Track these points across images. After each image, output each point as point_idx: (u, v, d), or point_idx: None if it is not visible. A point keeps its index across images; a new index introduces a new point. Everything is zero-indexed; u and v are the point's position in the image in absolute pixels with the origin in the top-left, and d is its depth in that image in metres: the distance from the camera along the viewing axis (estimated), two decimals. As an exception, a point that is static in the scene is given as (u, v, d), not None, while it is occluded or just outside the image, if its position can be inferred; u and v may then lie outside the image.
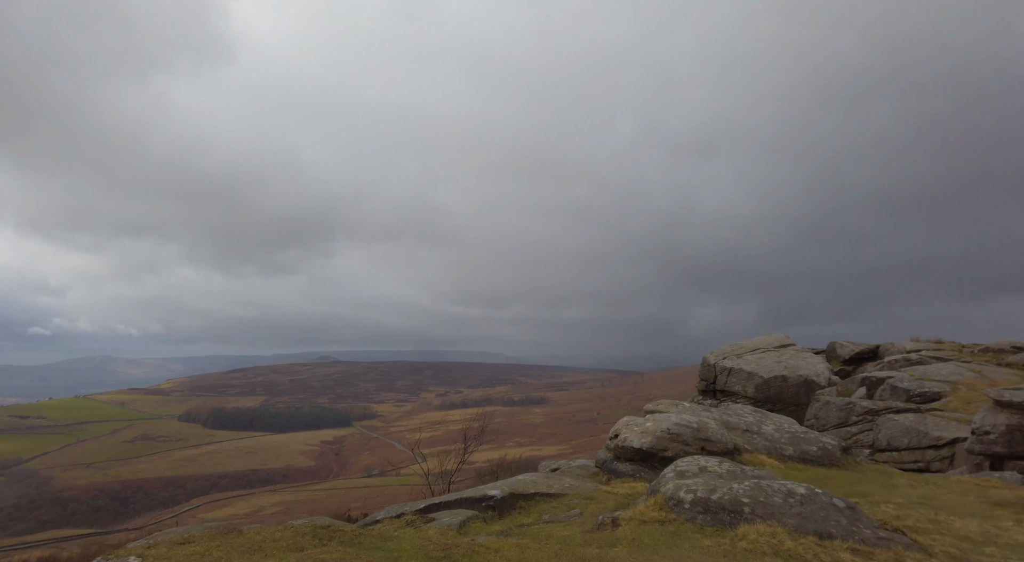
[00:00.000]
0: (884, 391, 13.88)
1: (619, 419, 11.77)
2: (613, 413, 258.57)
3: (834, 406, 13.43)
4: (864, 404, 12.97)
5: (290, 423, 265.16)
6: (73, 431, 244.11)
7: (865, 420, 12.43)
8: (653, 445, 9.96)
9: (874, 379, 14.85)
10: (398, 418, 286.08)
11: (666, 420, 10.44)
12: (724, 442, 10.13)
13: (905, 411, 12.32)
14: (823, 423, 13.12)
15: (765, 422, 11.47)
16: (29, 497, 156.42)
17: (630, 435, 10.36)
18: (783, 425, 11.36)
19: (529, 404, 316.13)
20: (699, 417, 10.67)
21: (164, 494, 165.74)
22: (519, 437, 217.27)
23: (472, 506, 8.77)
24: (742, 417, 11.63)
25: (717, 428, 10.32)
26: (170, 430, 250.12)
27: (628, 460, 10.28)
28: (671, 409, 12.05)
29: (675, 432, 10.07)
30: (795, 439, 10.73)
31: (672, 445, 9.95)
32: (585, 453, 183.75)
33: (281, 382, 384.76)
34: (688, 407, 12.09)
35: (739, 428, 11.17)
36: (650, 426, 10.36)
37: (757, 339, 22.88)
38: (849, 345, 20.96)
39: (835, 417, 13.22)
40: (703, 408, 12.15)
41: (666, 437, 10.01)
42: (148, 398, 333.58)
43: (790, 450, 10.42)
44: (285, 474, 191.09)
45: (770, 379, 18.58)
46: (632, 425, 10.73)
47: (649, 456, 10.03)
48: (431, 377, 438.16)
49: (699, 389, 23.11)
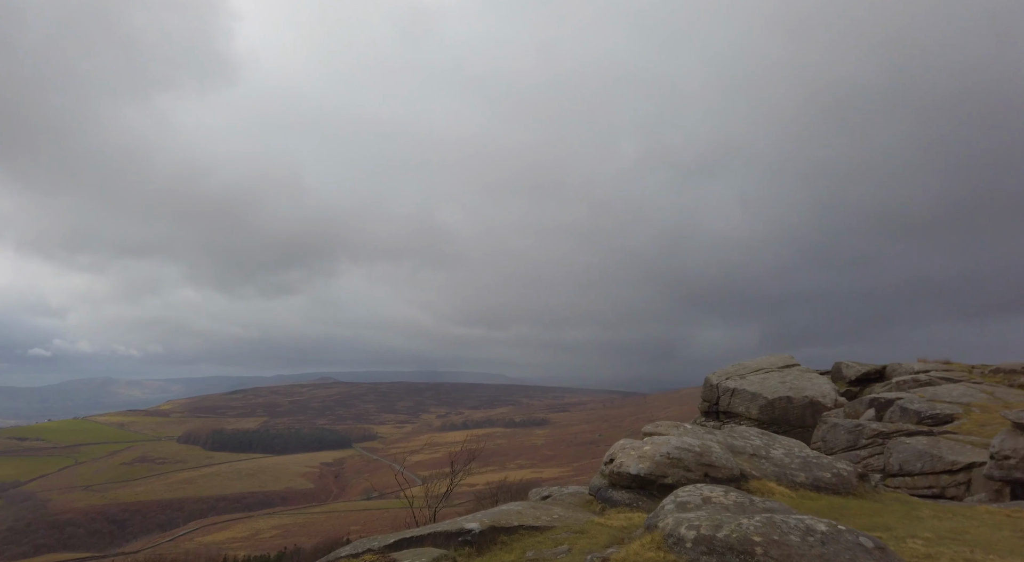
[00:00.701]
0: (894, 413, 13.31)
1: (617, 442, 11.12)
2: (614, 435, 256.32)
3: (842, 428, 12.79)
4: (874, 426, 12.33)
5: (290, 445, 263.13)
6: (71, 453, 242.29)
7: (875, 443, 11.83)
8: (651, 471, 9.08)
9: (883, 400, 14.26)
10: (399, 440, 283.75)
11: (666, 443, 9.55)
12: (729, 468, 9.21)
13: (917, 434, 11.72)
14: (831, 446, 12.54)
15: (774, 446, 10.61)
16: (26, 520, 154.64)
17: (626, 460, 9.44)
18: (793, 449, 10.54)
19: (530, 425, 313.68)
20: (702, 440, 9.85)
21: (162, 517, 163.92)
22: (520, 459, 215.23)
23: (446, 542, 7.78)
24: (748, 440, 10.79)
25: (721, 452, 9.43)
26: (169, 452, 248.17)
27: (624, 488, 9.35)
28: (671, 431, 11.10)
29: (676, 457, 9.19)
30: (807, 464, 9.90)
31: (672, 471, 9.08)
32: (587, 475, 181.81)
33: (281, 403, 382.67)
34: (690, 429, 11.11)
35: (745, 452, 10.30)
36: (648, 450, 9.44)
37: (761, 359, 22.33)
38: (855, 365, 20.35)
39: (843, 440, 12.59)
40: (706, 430, 11.32)
41: (666, 462, 9.14)
42: (147, 420, 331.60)
43: (802, 477, 9.59)
44: (284, 497, 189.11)
45: (775, 400, 18.02)
46: (629, 449, 9.76)
47: (647, 483, 9.13)
48: (432, 398, 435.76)
49: (701, 410, 22.52)
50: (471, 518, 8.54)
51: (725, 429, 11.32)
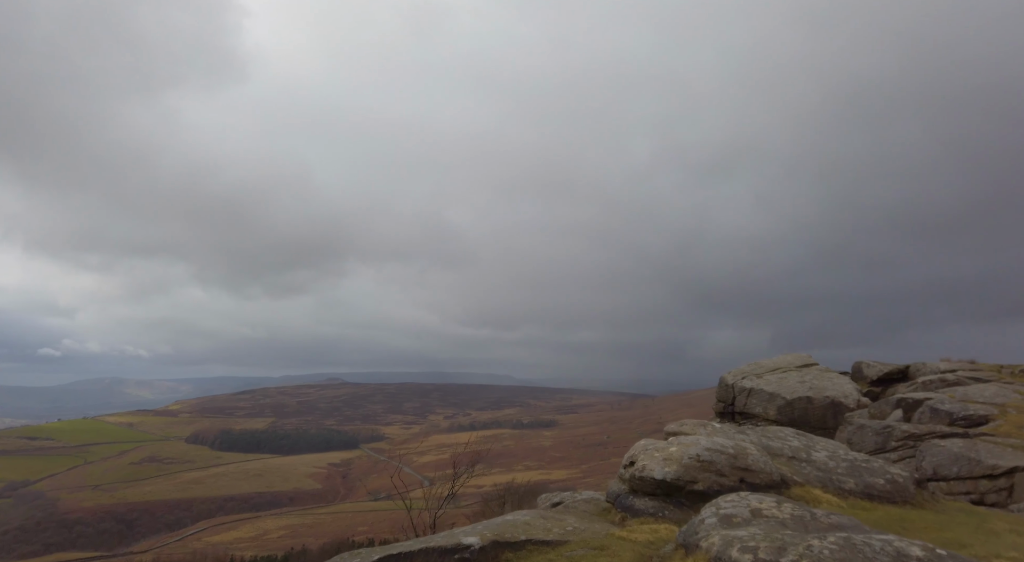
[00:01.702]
0: (923, 414, 12.61)
1: (635, 443, 9.61)
2: (623, 436, 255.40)
3: (870, 430, 12.06)
4: (904, 428, 11.61)
5: (297, 445, 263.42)
6: (81, 453, 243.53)
7: (906, 445, 11.13)
8: (680, 476, 7.97)
9: (911, 401, 13.54)
10: (406, 440, 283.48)
11: (695, 444, 8.42)
12: (768, 472, 8.11)
13: (951, 436, 10.98)
14: (858, 449, 11.77)
15: (815, 447, 9.51)
16: (35, 519, 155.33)
17: (650, 463, 8.30)
18: (838, 451, 9.48)
19: (538, 427, 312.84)
20: (735, 441, 8.79)
21: (170, 517, 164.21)
22: (528, 460, 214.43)
23: (440, 560, 6.60)
24: (786, 441, 9.65)
25: (759, 455, 8.33)
26: (177, 452, 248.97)
27: (648, 494, 8.24)
28: (698, 430, 10.04)
29: (707, 459, 8.07)
30: (855, 469, 8.79)
31: (703, 476, 7.97)
32: (596, 476, 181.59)
33: (289, 404, 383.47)
34: (719, 428, 10.12)
35: (783, 454, 9.18)
36: (675, 452, 8.31)
37: (778, 358, 21.62)
38: (877, 365, 19.59)
39: (871, 442, 11.87)
40: (736, 429, 10.35)
41: (696, 465, 8.02)
42: (156, 420, 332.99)
43: (851, 483, 8.42)
44: (292, 497, 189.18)
45: (794, 400, 17.33)
46: (652, 450, 8.65)
47: (674, 489, 8.03)
48: (439, 399, 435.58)
49: (716, 411, 21.81)
50: (471, 530, 7.38)
51: (757, 429, 10.32)
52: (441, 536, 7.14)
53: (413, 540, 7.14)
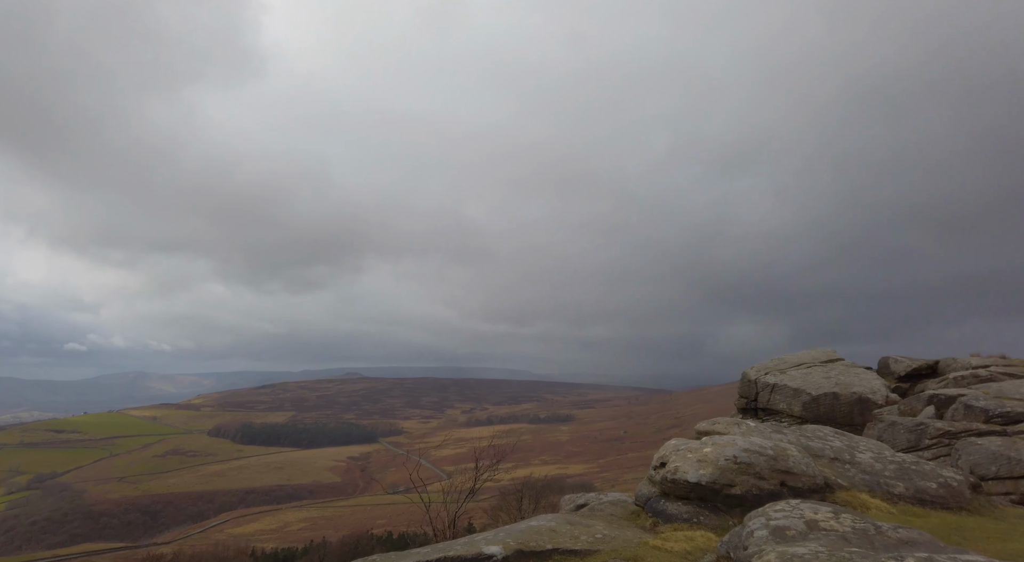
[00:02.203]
0: (956, 411, 12.30)
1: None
2: (640, 431, 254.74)
3: (902, 427, 11.77)
4: (938, 425, 11.31)
5: (317, 439, 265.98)
6: (106, 445, 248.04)
7: (940, 444, 10.87)
8: (716, 479, 7.43)
9: (943, 397, 13.22)
10: (424, 435, 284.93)
11: (731, 444, 7.83)
12: (811, 475, 7.56)
13: (989, 434, 10.69)
14: (889, 446, 11.70)
15: (858, 448, 8.91)
16: (62, 510, 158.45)
17: (683, 464, 7.73)
18: (884, 452, 8.93)
19: (555, 421, 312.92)
20: (773, 441, 8.16)
21: (193, 509, 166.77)
22: (545, 455, 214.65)
23: None
24: (826, 441, 9.00)
25: (800, 456, 7.74)
26: (200, 445, 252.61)
27: (681, 498, 7.68)
28: (732, 429, 9.37)
29: (745, 461, 7.49)
30: (904, 471, 8.22)
31: (741, 479, 7.40)
32: (613, 471, 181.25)
33: (309, 398, 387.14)
34: (755, 427, 9.45)
35: (825, 455, 8.59)
36: (710, 453, 7.74)
37: (801, 353, 21.31)
38: (904, 360, 19.13)
39: (903, 440, 11.59)
40: (773, 428, 9.68)
41: (732, 468, 7.46)
42: (179, 413, 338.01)
43: (900, 487, 7.87)
44: (312, 490, 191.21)
45: (819, 397, 17.06)
46: (685, 451, 8.06)
47: (710, 493, 7.48)
48: (457, 394, 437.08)
49: (738, 407, 21.53)
50: (492, 537, 6.79)
51: (793, 428, 9.73)
52: (461, 543, 6.59)
53: (431, 547, 6.59)
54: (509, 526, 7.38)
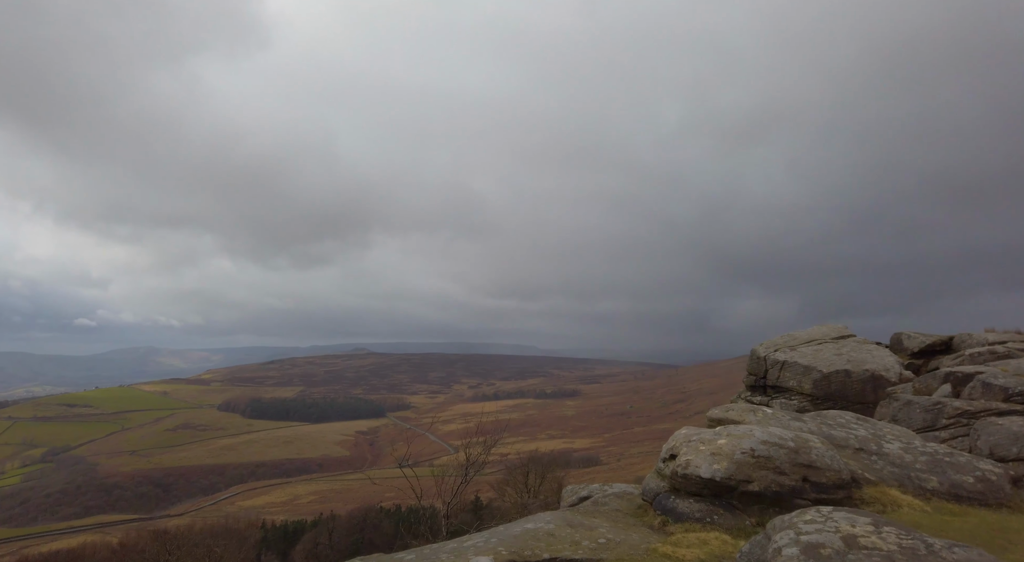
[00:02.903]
0: (974, 389, 11.83)
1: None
2: (646, 406, 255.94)
3: (918, 406, 11.30)
4: (956, 404, 10.84)
5: (326, 413, 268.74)
6: (118, 419, 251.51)
7: (958, 423, 10.42)
8: (731, 474, 6.70)
9: (960, 375, 12.71)
10: (431, 409, 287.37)
11: (747, 435, 7.05)
12: (836, 470, 6.83)
13: (1009, 413, 10.19)
14: (904, 426, 11.21)
15: (885, 437, 8.13)
16: (76, 483, 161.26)
17: (695, 458, 7.00)
18: (912, 442, 8.11)
19: (561, 396, 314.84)
20: (794, 431, 7.38)
21: (204, 482, 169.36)
22: (552, 429, 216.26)
23: None
24: (850, 429, 8.22)
25: (824, 448, 6.99)
26: (210, 419, 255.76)
27: (693, 495, 7.00)
28: (748, 417, 8.47)
29: (763, 454, 6.77)
30: (937, 463, 7.43)
31: (759, 474, 6.66)
32: (619, 445, 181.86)
33: (317, 373, 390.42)
34: (772, 415, 8.54)
35: (849, 445, 7.82)
36: (725, 445, 6.98)
37: (812, 329, 20.82)
38: (918, 336, 18.56)
39: (919, 419, 11.12)
40: (792, 415, 8.74)
41: (750, 462, 6.73)
42: (189, 388, 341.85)
43: (934, 482, 7.13)
44: (321, 463, 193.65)
45: (831, 374, 16.60)
46: (697, 442, 7.28)
47: (724, 490, 6.79)
48: (464, 369, 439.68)
49: (747, 385, 21.10)
50: (483, 543, 6.06)
51: (811, 414, 8.93)
52: (448, 550, 5.95)
53: (415, 553, 5.91)
54: (503, 528, 6.51)
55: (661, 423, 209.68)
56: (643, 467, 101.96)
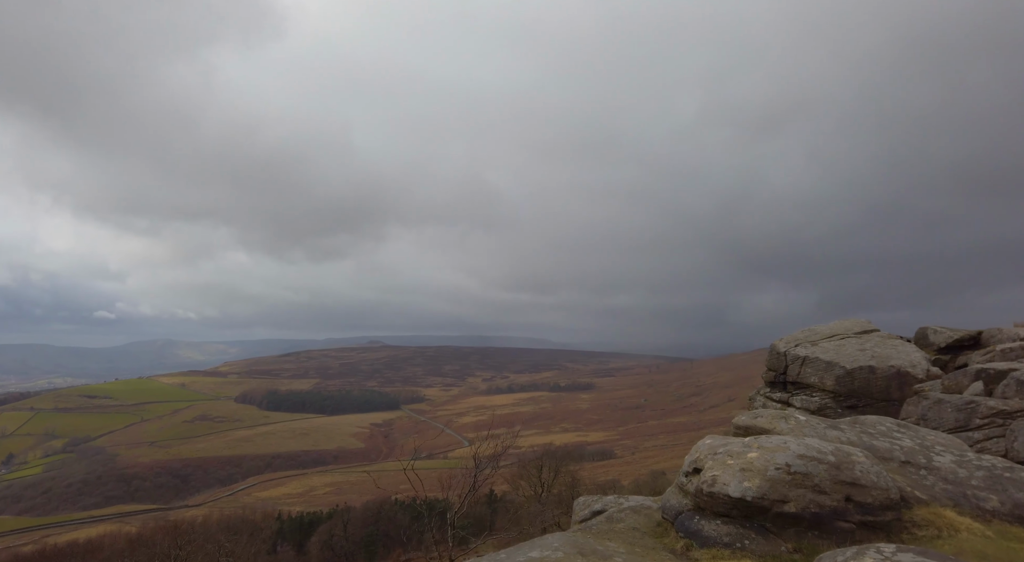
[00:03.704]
0: (1008, 387, 11.34)
1: (702, 441, 7.15)
2: (661, 400, 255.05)
3: (949, 405, 10.84)
4: (991, 403, 10.38)
5: (341, 406, 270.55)
6: (137, 411, 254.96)
7: (993, 424, 9.99)
8: (764, 493, 5.93)
9: (992, 372, 12.19)
10: (445, 402, 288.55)
11: (782, 448, 6.26)
12: (884, 488, 6.07)
13: None
14: (934, 425, 10.67)
15: (933, 448, 7.30)
16: (97, 473, 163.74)
17: (723, 474, 6.21)
18: (966, 455, 7.22)
19: (575, 390, 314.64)
20: (832, 442, 6.67)
21: (222, 473, 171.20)
22: (565, 422, 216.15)
23: None
24: (894, 439, 7.38)
25: (869, 463, 6.21)
26: (227, 411, 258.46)
27: (720, 515, 6.21)
28: (779, 424, 7.56)
29: (801, 470, 6.02)
30: (996, 480, 6.57)
31: (796, 493, 5.90)
32: (633, 439, 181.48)
33: (332, 366, 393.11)
34: (806, 422, 7.63)
35: (894, 458, 6.97)
36: (756, 460, 6.19)
37: (834, 324, 20.29)
38: (945, 331, 17.93)
39: (951, 419, 10.65)
40: (828, 423, 7.86)
41: (785, 479, 5.96)
42: (207, 380, 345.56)
43: (994, 501, 6.31)
44: (336, 455, 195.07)
45: (854, 370, 16.09)
46: (724, 455, 6.47)
47: (756, 511, 6.01)
48: (478, 362, 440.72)
49: (766, 381, 20.62)
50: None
51: (847, 421, 8.17)
52: None
53: None
54: (505, 555, 5.69)
55: (676, 417, 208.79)
56: (658, 461, 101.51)
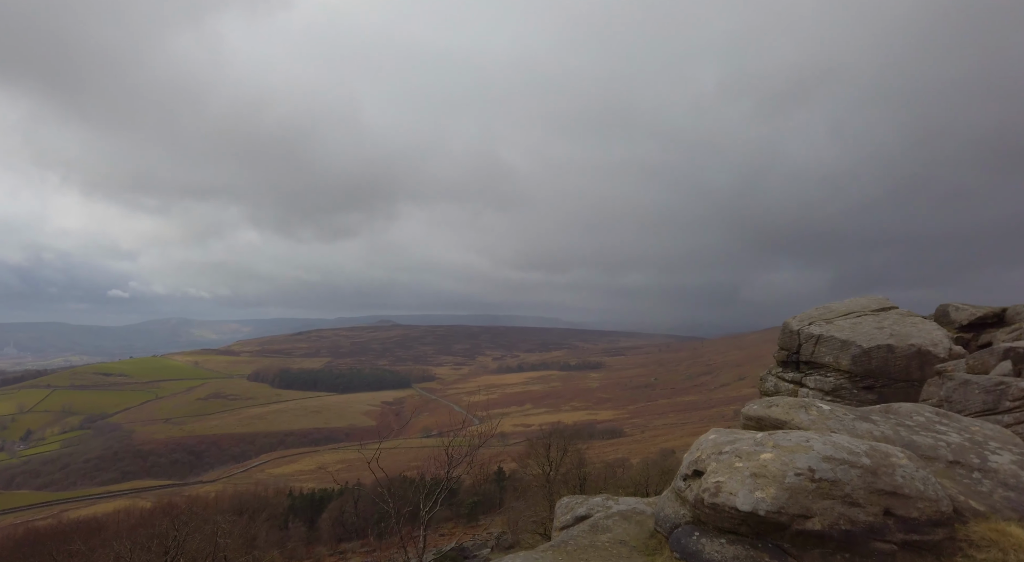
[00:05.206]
0: None
1: (704, 436, 5.85)
2: (671, 378, 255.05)
3: (977, 386, 10.20)
4: (1022, 385, 9.90)
5: (352, 384, 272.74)
6: (152, 388, 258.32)
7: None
8: (781, 506, 4.64)
9: (1021, 351, 11.65)
10: (456, 381, 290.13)
11: (802, 448, 4.95)
12: (933, 498, 4.76)
13: None
14: (959, 409, 10.05)
15: (986, 444, 5.86)
16: (113, 449, 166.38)
17: (729, 480, 4.90)
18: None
19: (585, 369, 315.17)
20: (864, 438, 5.47)
21: (235, 449, 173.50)
22: (575, 401, 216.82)
23: None
24: (936, 432, 6.05)
25: (912, 467, 4.89)
26: (240, 389, 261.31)
27: (726, 532, 4.91)
28: (797, 415, 6.12)
29: (827, 477, 4.71)
30: None
31: (821, 505, 4.62)
32: (643, 417, 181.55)
33: (344, 345, 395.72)
34: (830, 412, 6.19)
35: (939, 457, 5.66)
36: (770, 462, 4.87)
37: (850, 301, 19.54)
38: (967, 308, 17.19)
39: (978, 401, 10.02)
40: (856, 413, 6.40)
41: (808, 488, 4.68)
42: (219, 358, 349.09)
43: None
44: (348, 433, 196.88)
45: (871, 349, 15.39)
46: (731, 456, 5.12)
47: (772, 528, 4.72)
48: (488, 341, 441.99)
49: (777, 360, 19.91)
50: None
51: (880, 410, 6.74)
52: None
53: None
54: None
55: (685, 395, 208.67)
56: (667, 439, 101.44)
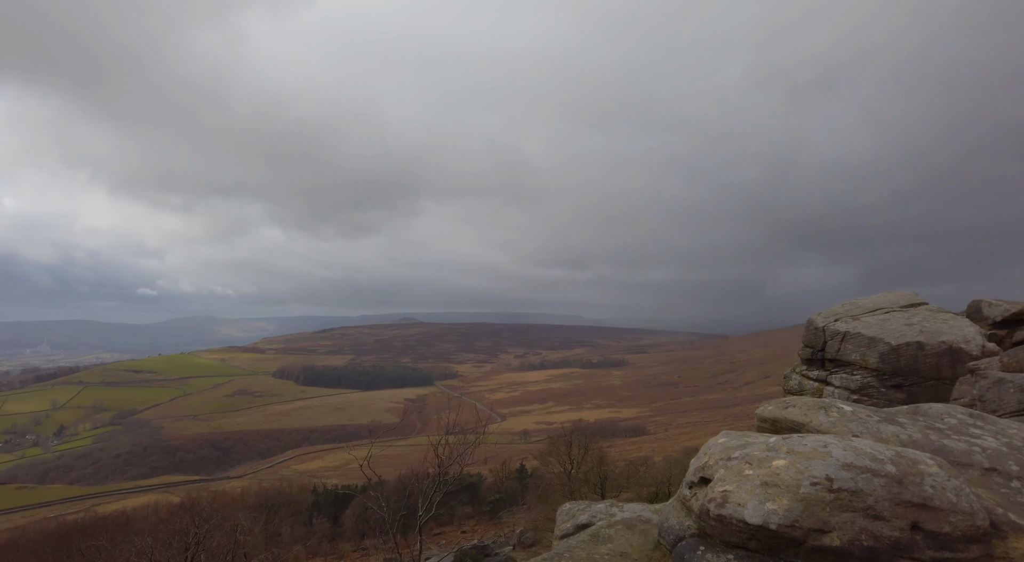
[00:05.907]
0: None
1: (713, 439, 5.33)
2: (694, 376, 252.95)
3: (1012, 386, 9.80)
4: None
5: (375, 381, 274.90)
6: (180, 385, 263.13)
7: (1062, 406, 9.13)
8: (795, 519, 4.19)
9: None
10: (478, 378, 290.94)
11: (820, 453, 4.47)
12: (968, 511, 4.22)
13: None
14: (992, 409, 9.70)
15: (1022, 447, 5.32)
16: (143, 445, 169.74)
17: (738, 489, 4.44)
18: None
19: (608, 366, 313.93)
20: (890, 443, 5.02)
21: (261, 446, 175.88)
22: (597, 399, 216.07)
23: None
24: (970, 436, 5.52)
25: (943, 475, 4.37)
26: (266, 386, 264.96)
27: (734, 547, 4.46)
28: (816, 416, 5.63)
29: (847, 487, 4.23)
30: None
31: (840, 518, 4.16)
32: (666, 415, 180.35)
33: (367, 342, 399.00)
34: (852, 414, 5.69)
35: (974, 463, 5.16)
36: (783, 469, 4.40)
37: (877, 297, 19.02)
38: (1002, 304, 16.52)
39: (1013, 401, 9.61)
40: (880, 414, 5.91)
41: (826, 499, 4.23)
42: (245, 356, 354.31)
43: None
44: (371, 429, 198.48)
45: (900, 347, 14.91)
46: (741, 462, 4.66)
47: (784, 544, 4.25)
48: (510, 339, 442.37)
49: (802, 358, 19.45)
50: None
51: (907, 411, 6.25)
52: None
53: None
54: None
55: (709, 393, 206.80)
56: (691, 437, 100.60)
